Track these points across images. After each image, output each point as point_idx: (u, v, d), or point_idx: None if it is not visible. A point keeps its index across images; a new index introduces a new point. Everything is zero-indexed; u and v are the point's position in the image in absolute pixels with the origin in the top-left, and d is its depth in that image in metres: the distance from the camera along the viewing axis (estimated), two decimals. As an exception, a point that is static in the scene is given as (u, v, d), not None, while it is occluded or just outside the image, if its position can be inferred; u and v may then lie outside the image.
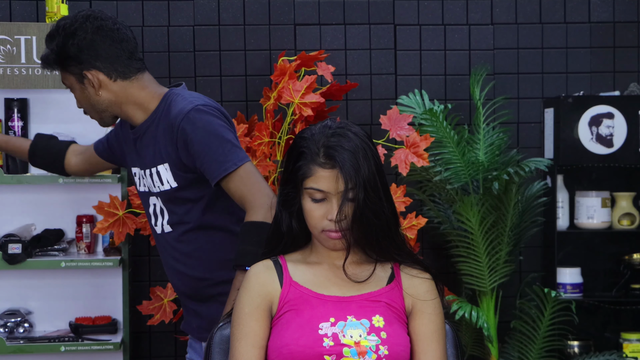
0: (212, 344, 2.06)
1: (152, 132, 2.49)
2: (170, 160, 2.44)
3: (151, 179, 2.52)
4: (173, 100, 2.47)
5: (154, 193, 2.54)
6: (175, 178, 2.45)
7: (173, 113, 2.43)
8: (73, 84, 2.52)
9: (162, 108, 2.49)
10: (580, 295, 3.96)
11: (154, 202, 2.56)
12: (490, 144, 3.80)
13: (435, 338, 1.96)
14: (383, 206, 1.93)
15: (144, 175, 2.55)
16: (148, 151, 2.51)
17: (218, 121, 2.40)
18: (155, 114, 2.50)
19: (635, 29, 4.15)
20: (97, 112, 2.55)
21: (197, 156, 2.37)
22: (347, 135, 1.92)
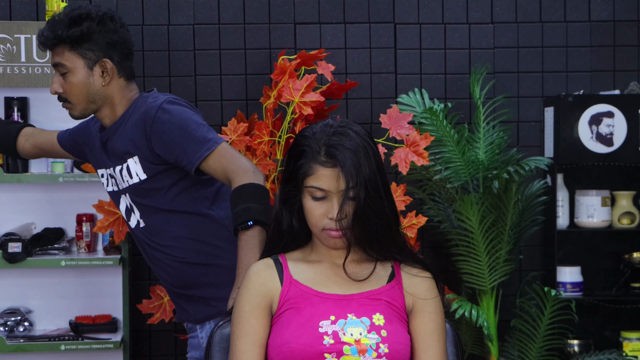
0: (212, 342, 2.06)
1: (122, 130, 2.54)
2: (139, 152, 2.49)
3: (121, 175, 2.55)
4: (143, 100, 2.56)
5: (123, 190, 2.58)
6: (145, 169, 2.50)
7: (144, 108, 2.50)
8: (77, 67, 2.52)
9: (132, 107, 2.56)
10: (580, 294, 3.96)
11: (124, 199, 2.60)
12: (490, 143, 3.80)
13: (435, 337, 1.96)
14: (384, 205, 1.93)
15: (114, 173, 2.58)
16: (118, 149, 2.55)
17: (189, 110, 2.49)
18: (127, 113, 2.56)
19: (635, 27, 4.15)
20: (86, 102, 2.55)
21: (175, 144, 2.42)
22: (348, 134, 1.93)
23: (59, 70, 2.53)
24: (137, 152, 2.49)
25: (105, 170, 2.64)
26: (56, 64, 2.53)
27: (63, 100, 2.57)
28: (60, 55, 2.52)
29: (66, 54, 2.51)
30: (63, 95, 2.55)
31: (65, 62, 2.52)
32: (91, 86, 2.53)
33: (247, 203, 2.28)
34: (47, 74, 3.56)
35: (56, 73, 2.55)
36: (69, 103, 2.56)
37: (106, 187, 2.67)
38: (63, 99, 2.56)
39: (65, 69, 2.52)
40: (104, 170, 2.64)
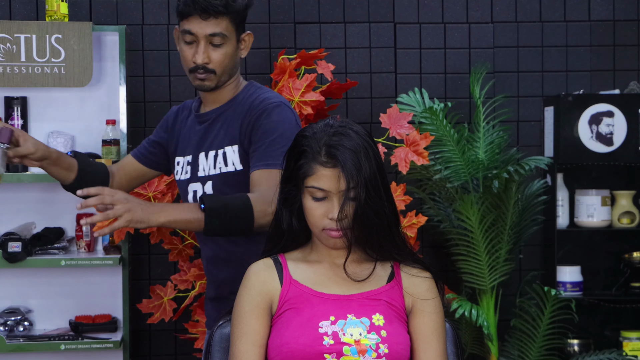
0: (212, 342, 2.06)
1: (229, 114, 2.52)
2: (240, 142, 2.47)
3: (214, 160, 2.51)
4: (256, 89, 2.55)
5: (203, 177, 2.53)
6: (242, 161, 2.47)
7: (258, 98, 2.49)
8: (232, 39, 2.49)
9: (243, 94, 2.54)
10: (580, 293, 3.96)
11: (195, 188, 2.55)
12: (490, 143, 3.80)
13: (435, 336, 1.97)
14: (384, 205, 1.93)
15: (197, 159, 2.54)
16: (219, 133, 2.52)
17: (293, 127, 2.46)
18: (237, 98, 2.54)
19: (635, 27, 4.15)
20: (227, 74, 2.51)
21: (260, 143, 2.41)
22: (349, 134, 1.93)
23: (213, 41, 2.46)
24: (238, 142, 2.47)
25: (183, 158, 2.59)
26: (213, 34, 2.46)
27: (207, 71, 2.49)
28: (220, 25, 2.46)
29: (227, 25, 2.47)
30: (209, 66, 2.48)
31: (225, 33, 2.46)
32: (235, 58, 2.52)
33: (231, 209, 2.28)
34: (47, 73, 3.56)
35: (203, 42, 2.46)
36: (211, 73, 2.49)
37: (178, 176, 2.61)
38: (207, 70, 2.48)
39: (222, 40, 2.47)
40: (182, 158, 2.60)
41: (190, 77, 2.52)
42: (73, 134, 3.75)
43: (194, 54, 2.48)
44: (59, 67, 3.56)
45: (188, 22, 2.47)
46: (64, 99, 3.76)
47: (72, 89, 3.71)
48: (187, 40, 2.49)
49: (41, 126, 3.73)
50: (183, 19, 2.49)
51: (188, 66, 2.51)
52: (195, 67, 2.49)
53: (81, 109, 3.77)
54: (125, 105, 3.63)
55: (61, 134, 3.69)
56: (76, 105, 3.77)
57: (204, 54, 2.47)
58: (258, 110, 2.46)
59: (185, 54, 2.50)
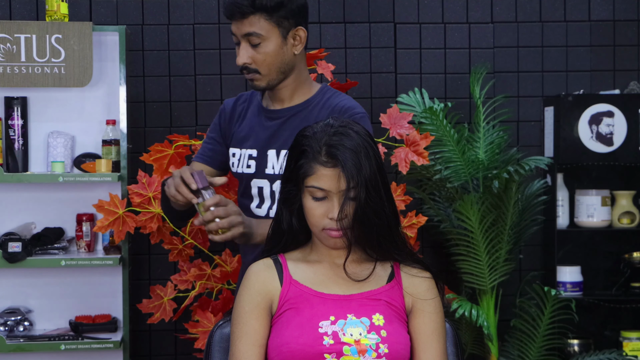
0: (212, 342, 2.06)
1: (306, 115, 2.49)
2: None
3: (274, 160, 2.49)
4: (335, 93, 2.52)
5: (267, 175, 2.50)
6: None
7: (342, 105, 2.46)
8: (272, 36, 2.43)
9: (320, 96, 2.51)
10: (580, 293, 3.96)
11: (262, 184, 2.52)
12: (490, 143, 3.80)
13: (435, 336, 1.97)
14: (384, 205, 1.93)
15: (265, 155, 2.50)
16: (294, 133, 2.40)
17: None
18: (314, 100, 2.51)
19: (635, 27, 4.15)
20: (276, 73, 2.46)
21: None
22: (349, 134, 1.93)
23: (251, 40, 2.43)
24: None
25: (243, 150, 2.55)
26: (248, 34, 2.42)
27: (250, 71, 2.46)
28: (254, 24, 2.42)
29: (262, 23, 2.42)
30: (252, 67, 2.45)
31: (261, 32, 2.42)
32: (284, 55, 2.46)
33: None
34: (47, 73, 3.56)
35: (243, 43, 2.44)
36: (257, 74, 2.46)
37: (236, 168, 2.56)
38: (251, 70, 2.46)
39: (259, 39, 2.42)
40: (240, 150, 2.55)
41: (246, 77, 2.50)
42: (73, 134, 3.75)
43: (238, 55, 2.47)
44: (59, 67, 3.56)
45: (232, 25, 2.46)
46: (64, 99, 3.76)
47: (72, 89, 3.71)
48: (234, 41, 2.48)
49: (41, 126, 3.74)
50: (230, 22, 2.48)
51: (239, 67, 2.48)
52: (241, 69, 2.47)
53: (81, 109, 3.77)
54: (125, 105, 3.63)
55: (61, 134, 3.69)
56: (76, 105, 3.77)
57: (242, 55, 2.45)
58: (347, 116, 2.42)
59: (237, 55, 2.48)
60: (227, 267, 3.44)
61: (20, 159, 3.64)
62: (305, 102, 2.52)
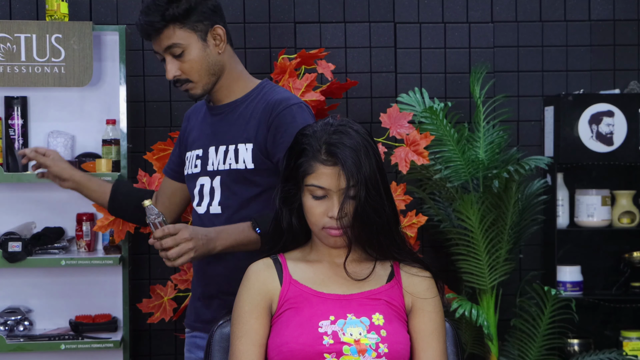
0: (212, 342, 2.06)
1: (243, 111, 2.50)
2: (256, 141, 2.44)
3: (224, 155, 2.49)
4: (272, 88, 2.54)
5: (212, 171, 2.51)
6: (254, 160, 2.45)
7: (276, 98, 2.46)
8: (192, 43, 2.46)
9: (258, 91, 2.53)
10: (580, 293, 3.96)
11: (203, 182, 2.54)
12: (491, 142, 3.80)
13: (435, 336, 1.97)
14: (384, 204, 1.93)
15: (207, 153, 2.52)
16: (231, 128, 2.50)
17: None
18: (251, 95, 2.52)
19: (635, 26, 4.15)
20: (207, 76, 2.48)
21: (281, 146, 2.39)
22: (349, 133, 1.93)
23: (173, 52, 2.45)
24: (254, 140, 2.44)
25: (192, 152, 2.57)
26: (169, 47, 2.45)
27: (183, 82, 2.48)
28: (171, 36, 2.44)
29: (177, 33, 2.44)
30: (182, 77, 2.47)
31: (179, 41, 2.44)
32: (209, 57, 2.48)
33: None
34: (47, 73, 3.56)
35: (168, 57, 2.47)
36: (190, 83, 2.48)
37: (186, 170, 2.60)
38: (183, 81, 2.48)
39: (180, 48, 2.44)
40: (191, 153, 2.58)
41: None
42: (73, 134, 3.75)
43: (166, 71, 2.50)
44: (59, 67, 3.56)
45: (153, 45, 2.50)
46: (64, 98, 3.76)
47: (72, 89, 3.71)
48: (159, 59, 2.51)
49: (41, 126, 3.74)
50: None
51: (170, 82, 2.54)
52: (173, 82, 2.50)
53: (81, 108, 3.77)
54: (125, 105, 3.63)
55: (61, 133, 3.69)
56: (76, 105, 3.77)
57: (170, 69, 2.47)
58: (278, 110, 2.43)
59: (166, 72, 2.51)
60: (227, 266, 3.44)
61: (20, 159, 3.63)
62: (244, 97, 2.53)
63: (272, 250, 2.03)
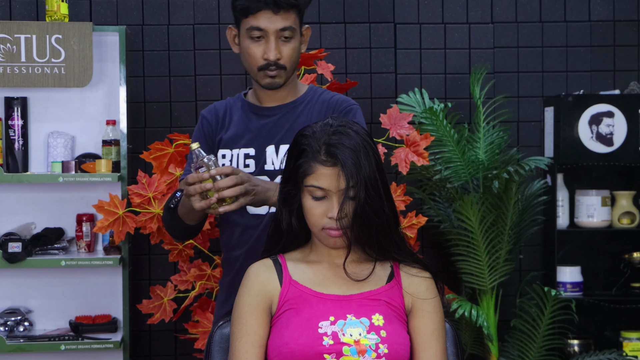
0: (212, 342, 2.06)
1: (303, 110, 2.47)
2: None
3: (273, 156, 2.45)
4: (325, 90, 2.52)
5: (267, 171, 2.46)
6: None
7: (336, 98, 2.46)
8: (297, 33, 2.43)
9: (312, 94, 2.50)
10: (580, 293, 3.96)
11: None
12: (490, 143, 3.80)
13: (435, 336, 1.96)
14: (383, 205, 1.93)
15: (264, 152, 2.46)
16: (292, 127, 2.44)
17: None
18: (307, 96, 2.49)
19: (635, 27, 4.15)
20: (293, 68, 2.44)
21: None
22: (349, 134, 1.93)
23: (284, 35, 2.39)
24: None
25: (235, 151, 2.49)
26: (284, 28, 2.38)
27: (279, 68, 2.41)
28: (289, 18, 2.38)
29: (293, 18, 2.40)
30: (281, 62, 2.41)
31: (294, 26, 2.39)
32: (299, 52, 2.45)
33: None
34: (47, 73, 3.56)
35: (272, 38, 2.38)
36: (282, 70, 2.41)
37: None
38: (278, 66, 2.41)
39: (292, 34, 2.39)
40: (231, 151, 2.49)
41: (259, 75, 2.42)
42: (73, 134, 3.75)
43: (264, 51, 2.40)
44: (59, 67, 3.56)
45: (256, 18, 2.38)
46: (64, 99, 3.76)
47: (72, 89, 3.71)
48: (256, 36, 2.40)
49: (41, 126, 3.74)
50: (248, 16, 2.39)
51: (257, 64, 2.41)
52: (266, 65, 2.41)
53: (81, 109, 3.77)
54: (125, 106, 3.63)
55: (61, 134, 3.69)
56: (76, 106, 3.77)
57: (275, 49, 2.39)
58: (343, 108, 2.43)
59: (253, 51, 2.41)
60: (227, 267, 3.44)
61: (20, 159, 3.64)
62: (300, 98, 2.50)
63: (272, 251, 2.03)
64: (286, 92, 2.50)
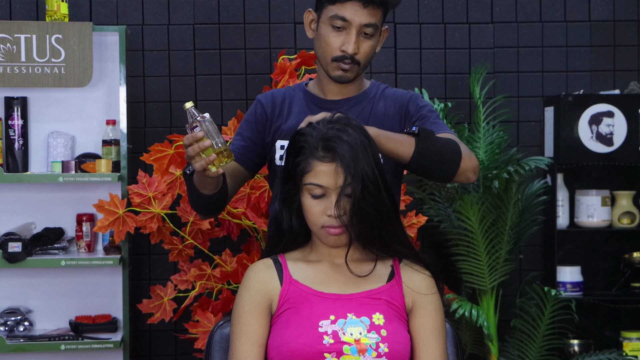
0: (212, 342, 2.06)
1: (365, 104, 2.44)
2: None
3: None
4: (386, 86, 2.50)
5: None
6: None
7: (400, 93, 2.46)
8: (378, 32, 2.39)
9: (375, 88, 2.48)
10: (580, 293, 3.96)
11: None
12: (491, 143, 3.80)
13: (435, 336, 1.96)
14: (383, 201, 1.93)
15: None
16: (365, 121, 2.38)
17: None
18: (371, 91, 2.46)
19: (635, 27, 4.15)
20: (366, 65, 2.41)
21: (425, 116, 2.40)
22: (346, 130, 1.94)
23: (366, 31, 2.35)
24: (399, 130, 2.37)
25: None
26: (369, 24, 2.34)
27: (354, 62, 2.36)
28: (375, 15, 2.34)
29: (379, 16, 2.36)
30: (357, 57, 2.36)
31: (378, 24, 2.36)
32: (374, 51, 2.42)
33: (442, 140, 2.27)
34: (47, 73, 3.56)
35: (355, 31, 2.33)
36: (356, 65, 2.37)
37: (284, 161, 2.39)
38: (353, 60, 2.36)
39: (374, 31, 2.35)
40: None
41: (331, 65, 2.37)
42: (73, 134, 3.75)
43: (343, 42, 2.34)
44: (59, 67, 3.56)
45: (343, 7, 2.33)
46: (64, 99, 3.76)
47: (72, 89, 3.71)
48: (337, 25, 2.34)
49: (41, 126, 3.74)
50: (335, 3, 2.34)
51: (333, 54, 2.36)
52: (342, 56, 2.35)
53: (81, 109, 3.77)
54: (125, 105, 3.63)
55: (61, 134, 3.69)
56: (76, 105, 3.77)
57: (355, 43, 2.34)
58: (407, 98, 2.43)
59: (331, 39, 2.35)
60: (227, 267, 3.44)
61: (20, 159, 3.64)
62: (364, 93, 2.46)
63: (273, 251, 2.03)
64: (353, 87, 2.46)
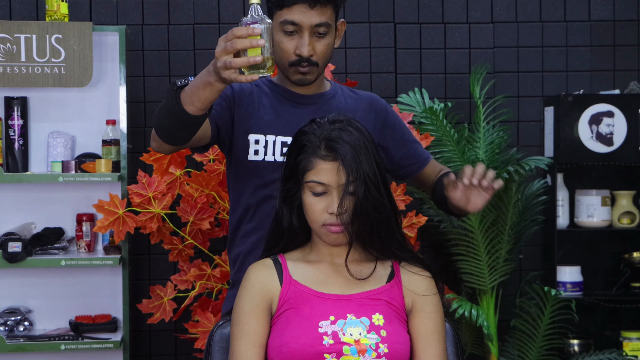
0: (212, 342, 2.06)
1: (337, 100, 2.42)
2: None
3: None
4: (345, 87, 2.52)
5: None
6: None
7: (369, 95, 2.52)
8: (332, 29, 2.34)
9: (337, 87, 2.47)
10: (580, 293, 3.96)
11: None
12: (490, 143, 3.80)
13: (435, 336, 1.96)
14: (384, 201, 1.93)
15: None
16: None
17: None
18: (335, 89, 2.45)
19: (635, 27, 4.15)
20: (324, 64, 2.36)
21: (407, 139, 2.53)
22: (348, 130, 1.94)
23: (318, 31, 2.30)
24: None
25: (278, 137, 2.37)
26: (320, 24, 2.29)
27: (311, 64, 2.32)
28: (325, 14, 2.29)
29: (329, 14, 2.31)
30: (313, 58, 2.31)
31: (329, 22, 2.30)
32: (332, 47, 2.37)
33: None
34: (47, 73, 3.56)
35: (307, 34, 2.29)
36: (314, 66, 2.33)
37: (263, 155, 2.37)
38: (310, 62, 2.31)
39: (327, 29, 2.30)
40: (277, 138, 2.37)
41: (290, 70, 2.33)
42: (73, 134, 3.75)
43: (297, 46, 2.30)
44: (59, 67, 3.56)
45: (291, 12, 2.28)
46: (64, 99, 3.76)
47: (72, 89, 3.71)
48: (289, 30, 2.30)
49: (41, 126, 3.74)
50: (283, 8, 2.29)
51: (289, 59, 2.31)
52: (298, 60, 2.31)
53: (81, 109, 3.77)
54: (125, 105, 3.64)
55: (61, 134, 3.69)
56: (76, 105, 3.77)
57: (309, 45, 2.30)
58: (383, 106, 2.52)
59: (285, 45, 2.31)
60: (227, 267, 3.44)
61: (20, 159, 3.64)
62: (330, 91, 2.44)
63: (272, 251, 2.03)
64: (316, 85, 2.42)
